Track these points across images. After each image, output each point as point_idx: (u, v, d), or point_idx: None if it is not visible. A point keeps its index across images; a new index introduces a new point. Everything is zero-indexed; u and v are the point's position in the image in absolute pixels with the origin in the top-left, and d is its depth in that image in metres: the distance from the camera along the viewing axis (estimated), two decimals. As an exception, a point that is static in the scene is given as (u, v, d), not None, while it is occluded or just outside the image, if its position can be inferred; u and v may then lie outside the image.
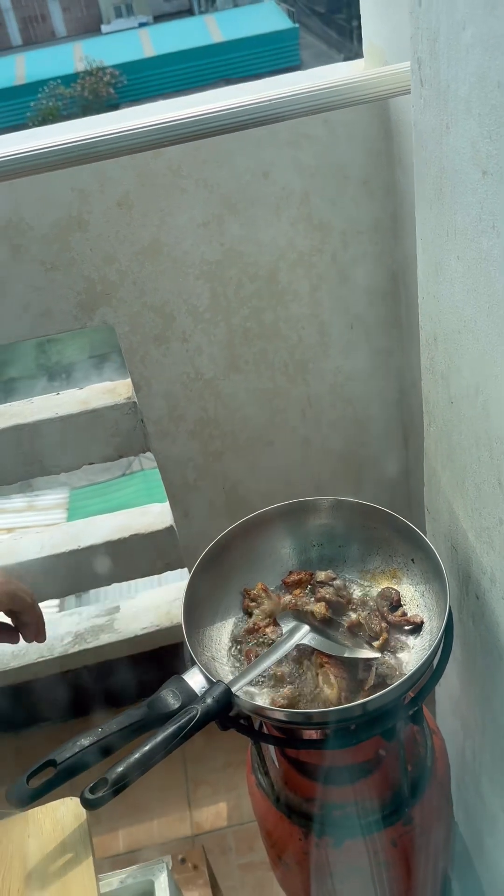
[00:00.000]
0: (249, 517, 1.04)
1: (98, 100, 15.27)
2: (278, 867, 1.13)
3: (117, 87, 15.63)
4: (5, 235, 1.22)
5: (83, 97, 15.15)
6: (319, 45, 18.23)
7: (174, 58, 16.03)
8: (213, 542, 1.00)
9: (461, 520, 0.95)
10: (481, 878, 1.27)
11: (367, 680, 0.88)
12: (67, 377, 9.62)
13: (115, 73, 15.59)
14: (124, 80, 15.74)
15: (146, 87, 15.79)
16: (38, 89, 15.01)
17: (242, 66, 15.99)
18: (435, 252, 0.84)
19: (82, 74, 15.38)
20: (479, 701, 1.06)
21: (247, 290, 1.34)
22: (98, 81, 15.32)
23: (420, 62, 0.77)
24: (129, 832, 1.63)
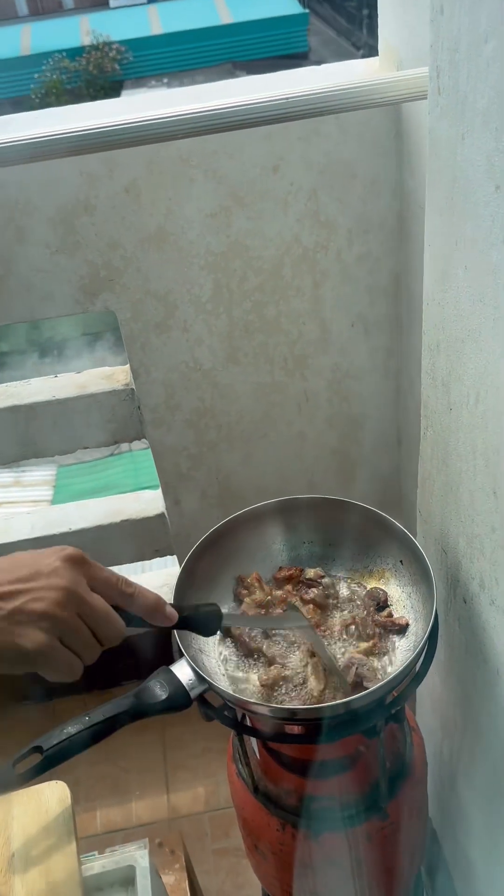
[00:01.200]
0: (243, 511, 1.04)
1: (103, 75, 15.08)
2: (254, 855, 1.14)
3: (122, 64, 15.45)
4: (11, 216, 1.22)
5: (88, 72, 14.96)
6: (328, 32, 18.07)
7: (181, 37, 15.84)
8: (206, 534, 1.01)
9: (453, 525, 0.96)
10: (452, 874, 1.29)
11: (349, 676, 0.89)
12: (59, 354, 9.57)
13: (122, 48, 15.41)
14: (130, 57, 15.55)
15: (152, 65, 15.61)
16: (42, 61, 14.80)
17: (250, 49, 15.82)
18: (442, 260, 0.84)
19: (88, 49, 15.17)
20: (460, 702, 1.08)
21: (250, 283, 1.34)
22: (103, 57, 15.12)
23: (439, 70, 0.77)
24: (106, 813, 1.65)
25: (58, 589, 0.67)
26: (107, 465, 6.76)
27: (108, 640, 0.71)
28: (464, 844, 1.20)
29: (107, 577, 0.72)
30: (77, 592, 0.68)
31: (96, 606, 0.69)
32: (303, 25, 16.38)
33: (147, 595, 0.75)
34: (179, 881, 1.19)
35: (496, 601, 0.86)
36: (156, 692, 0.83)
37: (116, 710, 0.80)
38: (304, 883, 1.10)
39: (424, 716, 1.30)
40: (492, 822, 1.05)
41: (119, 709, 0.80)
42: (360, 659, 0.89)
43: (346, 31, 17.28)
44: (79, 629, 0.68)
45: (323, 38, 17.52)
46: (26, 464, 6.36)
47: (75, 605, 0.68)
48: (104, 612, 0.70)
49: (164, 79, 15.29)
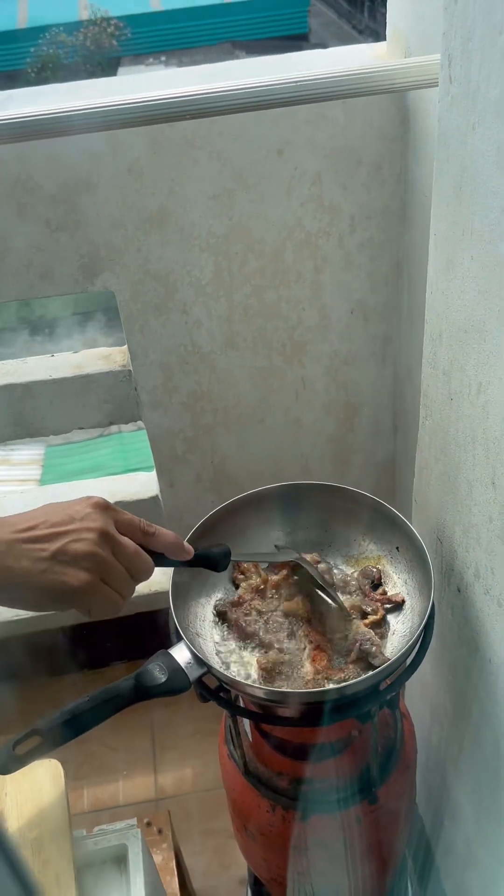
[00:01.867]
0: (240, 496, 1.05)
1: (100, 51, 14.90)
2: (243, 836, 1.15)
3: (120, 40, 15.27)
4: (13, 193, 1.21)
5: (85, 46, 14.77)
6: (329, 14, 17.92)
7: (181, 14, 15.66)
8: (203, 519, 1.01)
9: (449, 514, 0.96)
10: (436, 857, 1.31)
11: (350, 655, 0.90)
12: (50, 333, 9.52)
13: (120, 24, 15.21)
14: (128, 34, 15.36)
15: (150, 43, 15.44)
16: (39, 35, 14.61)
17: (250, 28, 15.67)
18: (448, 249, 0.84)
19: (86, 23, 14.98)
20: (451, 690, 1.09)
21: (251, 267, 1.34)
22: (101, 32, 14.93)
23: (451, 59, 0.77)
24: (94, 791, 1.66)
25: (94, 531, 0.72)
26: (96, 446, 6.75)
27: (141, 576, 0.78)
28: (449, 828, 1.21)
29: (130, 520, 0.77)
30: (110, 533, 0.74)
31: (127, 545, 0.75)
32: (303, 6, 16.23)
33: (166, 534, 0.81)
34: (167, 860, 1.21)
35: (491, 591, 0.87)
36: (155, 675, 0.83)
37: (116, 692, 0.80)
38: (292, 864, 1.11)
39: (414, 703, 1.31)
40: (479, 808, 1.06)
41: (119, 691, 0.80)
42: (364, 633, 0.90)
43: (347, 14, 17.14)
44: (116, 567, 0.74)
45: (323, 20, 17.38)
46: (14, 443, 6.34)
47: (110, 545, 0.73)
48: (135, 551, 0.76)
49: (162, 57, 15.14)
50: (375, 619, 0.95)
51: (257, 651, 0.94)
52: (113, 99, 0.99)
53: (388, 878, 1.22)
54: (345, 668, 0.91)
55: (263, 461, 1.58)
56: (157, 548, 0.80)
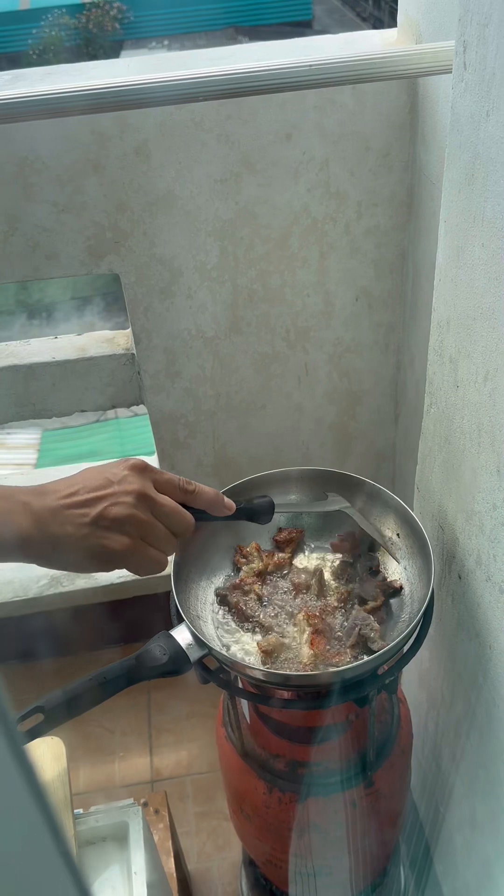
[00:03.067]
0: (243, 481, 1.05)
1: (102, 34, 14.80)
2: (238, 818, 1.16)
3: (123, 23, 15.16)
4: (20, 173, 1.20)
5: (88, 29, 14.68)
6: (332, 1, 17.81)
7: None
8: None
9: (452, 501, 0.97)
10: (430, 844, 1.32)
11: (349, 639, 0.91)
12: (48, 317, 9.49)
13: (123, 7, 15.11)
14: (131, 17, 15.26)
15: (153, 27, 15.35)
16: (41, 17, 14.51)
17: (253, 14, 15.58)
18: (458, 236, 0.84)
19: (88, 6, 14.87)
20: (449, 676, 1.10)
21: (257, 252, 1.34)
22: (104, 15, 14.83)
23: (466, 45, 0.76)
24: (89, 772, 1.67)
25: (131, 493, 0.74)
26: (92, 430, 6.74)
27: (182, 533, 0.79)
28: (443, 814, 1.22)
29: (169, 479, 0.79)
30: (148, 494, 0.75)
31: (166, 504, 0.76)
32: (308, -7, 16.13)
33: (206, 491, 0.83)
34: (163, 840, 1.21)
35: (492, 577, 0.87)
36: (156, 655, 0.84)
37: (118, 672, 0.81)
38: (287, 846, 1.12)
39: (410, 688, 1.32)
40: (473, 794, 1.07)
41: (120, 671, 0.81)
42: (363, 618, 0.91)
43: (351, 2, 17.03)
44: (155, 526, 0.76)
45: (327, 7, 17.27)
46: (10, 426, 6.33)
47: (148, 506, 0.75)
48: (173, 509, 0.77)
49: (165, 41, 15.03)
50: (375, 605, 0.95)
51: (258, 633, 0.95)
52: (121, 80, 0.99)
53: (382, 862, 1.23)
54: (343, 653, 0.91)
55: (264, 447, 1.59)
56: (197, 504, 0.82)
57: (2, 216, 1.24)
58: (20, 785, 0.20)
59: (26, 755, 0.20)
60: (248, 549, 1.03)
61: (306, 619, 0.94)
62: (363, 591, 0.96)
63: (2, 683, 0.20)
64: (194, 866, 1.50)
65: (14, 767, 0.20)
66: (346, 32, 1.34)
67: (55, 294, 9.71)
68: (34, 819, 0.21)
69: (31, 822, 0.21)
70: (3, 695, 0.20)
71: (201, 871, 1.49)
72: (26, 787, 0.20)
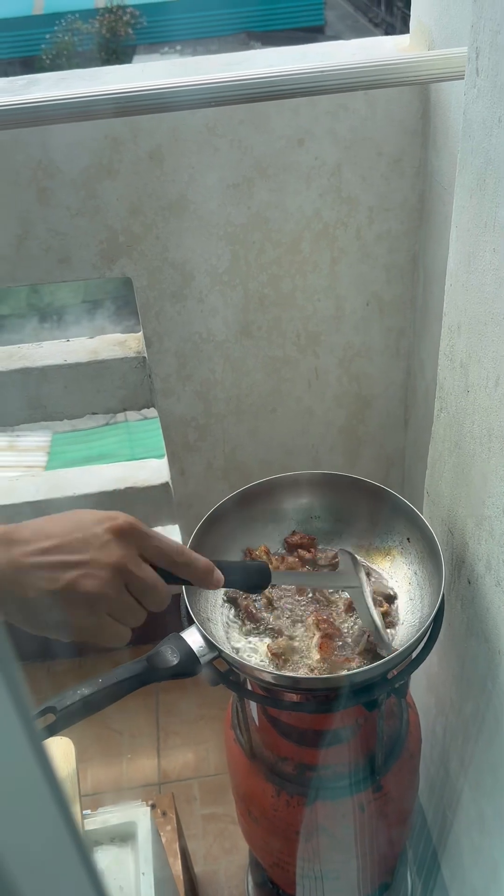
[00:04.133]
0: (253, 484, 1.05)
1: (115, 39, 14.85)
2: (246, 821, 1.16)
3: (136, 28, 15.23)
4: (35, 177, 1.21)
5: (100, 34, 14.74)
6: (345, 7, 17.84)
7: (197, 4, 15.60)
8: (215, 506, 1.02)
9: (462, 506, 0.97)
10: (438, 849, 1.32)
11: (359, 646, 0.91)
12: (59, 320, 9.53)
13: (136, 13, 15.17)
14: (144, 22, 15.32)
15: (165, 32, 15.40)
16: (55, 21, 14.59)
17: (266, 19, 15.63)
18: (469, 241, 0.84)
19: (102, 11, 14.94)
20: (458, 682, 1.10)
21: (268, 256, 1.34)
22: (117, 20, 14.88)
23: (478, 51, 0.77)
24: (96, 773, 1.67)
25: (108, 566, 0.67)
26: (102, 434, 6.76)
27: (155, 608, 0.72)
28: (450, 819, 1.22)
29: (159, 547, 0.72)
30: (127, 568, 0.68)
31: (146, 579, 0.70)
32: (320, -2, 16.16)
33: (198, 564, 0.75)
34: (170, 842, 1.22)
35: (502, 582, 0.87)
36: (167, 657, 0.84)
37: (129, 673, 0.81)
38: (294, 849, 1.12)
39: (418, 693, 1.32)
40: (481, 799, 1.07)
41: (131, 672, 0.81)
42: None
43: (363, 7, 17.06)
44: (127, 603, 0.69)
45: (340, 13, 17.30)
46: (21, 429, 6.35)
47: (125, 580, 0.68)
48: (152, 585, 0.70)
49: (178, 46, 15.08)
50: (383, 610, 0.95)
51: (267, 637, 0.95)
52: (136, 85, 1.00)
53: (389, 866, 1.23)
54: (352, 658, 0.92)
55: (274, 451, 1.59)
56: (184, 576, 0.74)
57: (16, 220, 1.25)
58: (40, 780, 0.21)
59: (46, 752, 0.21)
60: (257, 552, 1.03)
61: (316, 623, 0.94)
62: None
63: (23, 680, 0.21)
64: (201, 868, 1.50)
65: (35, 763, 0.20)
66: (358, 38, 1.34)
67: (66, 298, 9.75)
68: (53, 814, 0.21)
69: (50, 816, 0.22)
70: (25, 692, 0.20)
71: (208, 873, 1.50)
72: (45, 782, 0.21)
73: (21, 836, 0.21)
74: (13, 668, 0.20)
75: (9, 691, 0.19)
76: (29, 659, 1.86)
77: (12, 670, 0.20)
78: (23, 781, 0.21)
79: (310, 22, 15.87)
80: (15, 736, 0.20)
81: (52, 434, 6.61)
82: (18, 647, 0.85)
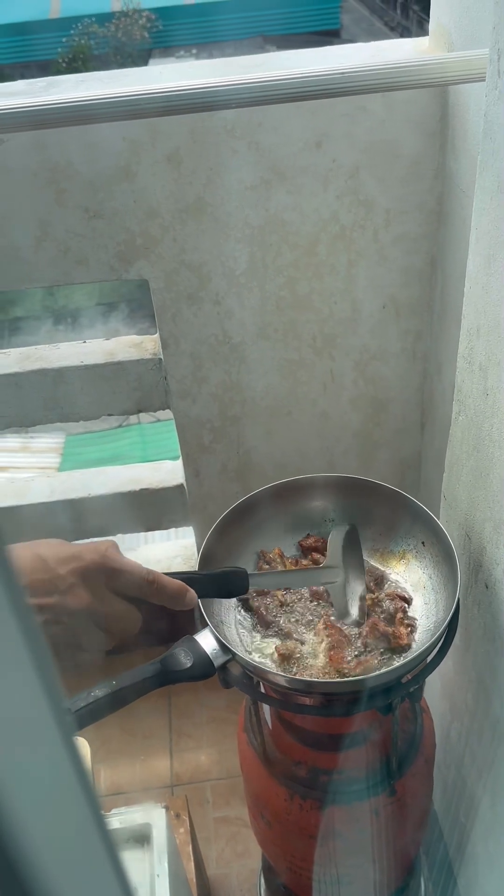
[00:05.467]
0: (268, 486, 1.05)
1: (131, 42, 14.93)
2: (259, 824, 1.16)
3: (152, 32, 15.30)
4: (53, 179, 1.22)
5: (116, 38, 14.83)
6: (361, 10, 17.86)
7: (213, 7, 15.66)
8: (231, 507, 1.02)
9: (480, 510, 0.96)
10: (451, 855, 1.31)
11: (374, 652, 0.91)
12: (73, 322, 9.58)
13: (151, 16, 15.25)
14: (160, 26, 15.39)
15: (181, 35, 15.47)
16: (71, 25, 14.69)
17: (281, 23, 15.66)
18: (490, 243, 0.84)
19: (118, 15, 15.03)
20: (474, 686, 1.09)
21: (285, 259, 1.34)
22: (133, 24, 14.97)
23: (500, 53, 0.76)
24: (109, 775, 1.67)
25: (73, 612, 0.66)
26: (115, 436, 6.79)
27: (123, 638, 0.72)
28: (464, 824, 1.21)
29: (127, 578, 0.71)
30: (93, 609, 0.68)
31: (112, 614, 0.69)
32: (336, 2, 16.18)
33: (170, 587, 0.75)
34: (184, 844, 1.22)
35: (520, 587, 0.87)
36: (181, 660, 0.84)
37: (143, 676, 0.81)
38: (307, 853, 1.12)
39: (433, 697, 1.31)
40: (496, 804, 1.06)
41: (145, 675, 0.81)
42: None
43: (379, 10, 17.06)
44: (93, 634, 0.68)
45: (355, 16, 17.32)
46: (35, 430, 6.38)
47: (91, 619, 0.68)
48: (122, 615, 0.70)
49: (193, 50, 15.13)
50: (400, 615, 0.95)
51: (278, 640, 0.95)
52: (154, 86, 1.00)
53: (402, 872, 1.22)
54: (364, 662, 0.91)
55: (289, 453, 1.59)
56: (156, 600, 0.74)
57: (34, 221, 1.26)
58: (71, 772, 0.21)
59: (77, 746, 0.21)
60: (271, 555, 1.03)
61: (326, 628, 0.93)
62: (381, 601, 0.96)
63: (57, 674, 0.21)
64: (213, 872, 1.50)
65: (66, 756, 0.20)
66: (374, 41, 1.34)
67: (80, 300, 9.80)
68: (82, 805, 0.21)
69: (79, 807, 0.21)
70: (58, 684, 0.20)
71: (220, 877, 1.49)
72: (75, 774, 0.21)
73: (55, 828, 0.21)
74: (48, 665, 0.20)
75: (44, 687, 0.19)
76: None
77: (47, 666, 0.20)
78: (56, 775, 0.21)
79: (325, 25, 15.89)
80: (49, 731, 0.20)
81: (66, 436, 6.64)
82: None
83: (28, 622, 0.19)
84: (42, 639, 0.19)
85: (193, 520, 1.68)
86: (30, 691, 0.20)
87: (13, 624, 0.19)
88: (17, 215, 1.26)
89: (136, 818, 0.89)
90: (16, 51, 15.23)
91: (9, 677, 0.19)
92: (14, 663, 0.19)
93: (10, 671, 0.19)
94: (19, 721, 0.20)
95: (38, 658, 0.19)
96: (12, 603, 0.18)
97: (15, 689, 0.19)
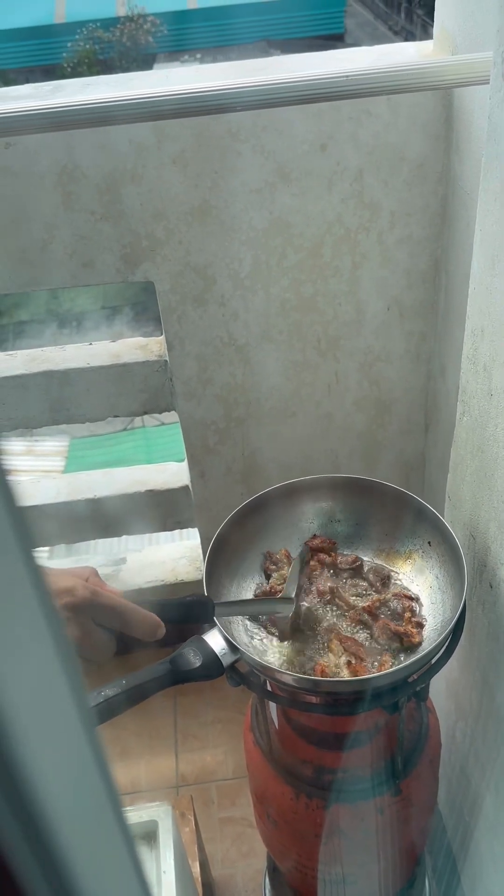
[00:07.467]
0: (274, 487, 1.06)
1: (136, 47, 14.98)
2: (264, 823, 1.16)
3: (156, 37, 15.34)
4: (59, 181, 1.23)
5: (121, 43, 14.87)
6: (365, 14, 17.89)
7: (217, 12, 15.71)
8: (235, 509, 1.02)
9: (484, 510, 0.97)
10: (455, 855, 1.31)
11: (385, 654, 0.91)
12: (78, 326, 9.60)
13: (156, 21, 15.29)
14: (164, 30, 15.44)
15: (186, 40, 15.51)
16: (76, 30, 14.74)
17: (285, 27, 15.70)
18: (493, 245, 0.85)
19: (122, 20, 15.08)
20: (479, 686, 1.10)
21: (290, 261, 1.35)
22: (138, 29, 15.01)
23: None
24: (115, 773, 1.67)
25: None
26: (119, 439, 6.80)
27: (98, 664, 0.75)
28: (469, 824, 1.22)
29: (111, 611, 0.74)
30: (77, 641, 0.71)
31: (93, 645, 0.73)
32: (340, 6, 16.21)
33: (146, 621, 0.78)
34: (189, 844, 1.22)
35: (525, 586, 0.87)
36: (190, 659, 0.85)
37: (152, 675, 0.82)
38: (312, 852, 1.12)
39: (437, 697, 1.31)
40: (501, 804, 1.06)
41: (154, 675, 0.82)
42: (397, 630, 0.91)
43: (383, 15, 17.09)
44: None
45: (359, 21, 17.35)
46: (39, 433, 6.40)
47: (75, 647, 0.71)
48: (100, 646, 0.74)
49: (198, 54, 15.17)
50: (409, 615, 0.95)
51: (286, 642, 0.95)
52: (160, 90, 1.01)
53: (407, 872, 1.23)
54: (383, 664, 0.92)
55: (293, 455, 1.59)
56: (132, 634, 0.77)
57: (41, 224, 1.27)
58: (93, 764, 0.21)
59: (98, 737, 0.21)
60: (278, 556, 1.04)
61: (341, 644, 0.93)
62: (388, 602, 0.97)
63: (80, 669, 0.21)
64: (218, 872, 1.50)
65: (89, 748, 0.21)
66: (378, 45, 1.35)
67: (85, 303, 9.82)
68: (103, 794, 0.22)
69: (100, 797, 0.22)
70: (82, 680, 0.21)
71: (225, 876, 1.50)
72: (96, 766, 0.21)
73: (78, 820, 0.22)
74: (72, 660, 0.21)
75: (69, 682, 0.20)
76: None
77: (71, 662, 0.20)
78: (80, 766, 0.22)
79: (330, 30, 15.93)
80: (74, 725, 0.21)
81: (70, 439, 6.65)
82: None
83: (53, 619, 0.20)
84: (66, 636, 0.20)
85: (198, 521, 1.68)
86: (58, 687, 0.21)
87: (42, 622, 0.19)
88: (24, 218, 1.27)
89: (143, 816, 0.90)
90: (21, 55, 15.29)
91: (39, 674, 0.20)
92: (42, 661, 0.20)
93: (38, 668, 0.20)
94: (49, 715, 0.20)
95: (63, 656, 0.20)
96: (41, 604, 0.19)
97: (44, 686, 0.20)
